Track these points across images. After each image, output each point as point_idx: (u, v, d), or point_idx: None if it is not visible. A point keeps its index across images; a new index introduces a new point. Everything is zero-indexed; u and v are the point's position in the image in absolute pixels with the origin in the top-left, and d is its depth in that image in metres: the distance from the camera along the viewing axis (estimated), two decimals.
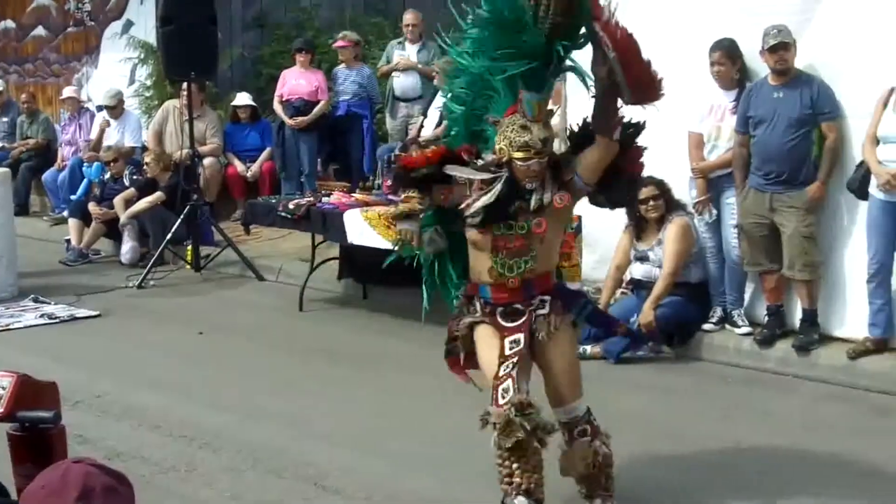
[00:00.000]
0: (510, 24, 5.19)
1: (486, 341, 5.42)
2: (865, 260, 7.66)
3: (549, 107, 5.47)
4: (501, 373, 5.19)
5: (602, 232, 8.84)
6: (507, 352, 5.29)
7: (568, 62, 5.43)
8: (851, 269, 7.91)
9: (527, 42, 5.19)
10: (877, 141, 7.51)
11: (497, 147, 5.35)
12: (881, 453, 6.40)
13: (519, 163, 5.27)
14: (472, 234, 5.41)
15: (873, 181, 7.52)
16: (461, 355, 5.62)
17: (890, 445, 6.57)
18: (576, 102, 9.23)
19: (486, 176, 5.35)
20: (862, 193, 7.67)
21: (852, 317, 7.92)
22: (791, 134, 7.86)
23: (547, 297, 5.45)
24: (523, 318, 5.39)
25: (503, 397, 5.12)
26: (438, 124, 11.60)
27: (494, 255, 5.37)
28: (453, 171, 5.40)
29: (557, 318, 5.42)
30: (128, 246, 12.43)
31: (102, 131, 14.12)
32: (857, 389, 7.54)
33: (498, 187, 5.29)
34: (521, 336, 5.34)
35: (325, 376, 8.16)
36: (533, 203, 5.29)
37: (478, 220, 5.34)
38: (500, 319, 5.42)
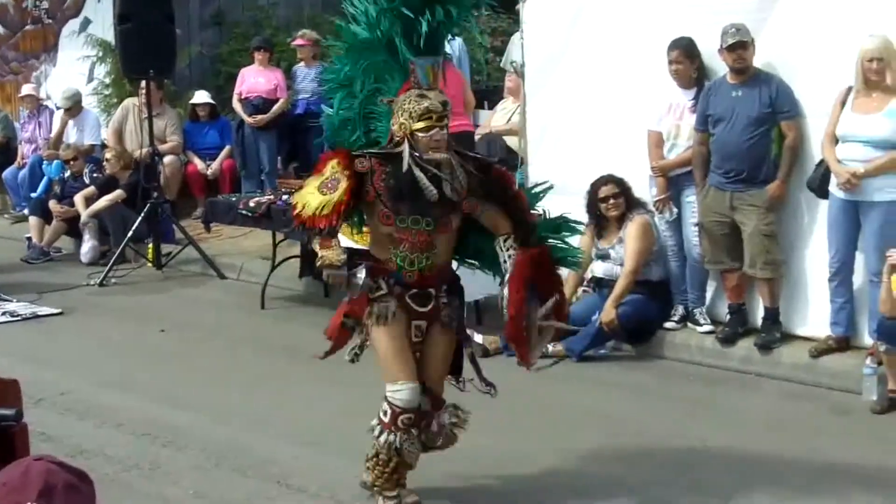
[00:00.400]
0: None
1: (388, 343, 5.40)
2: (826, 258, 7.70)
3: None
4: (399, 378, 5.34)
5: None
6: (414, 339, 5.42)
7: (457, 22, 5.51)
8: (813, 267, 7.95)
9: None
10: (835, 140, 7.56)
11: (396, 124, 5.24)
12: (842, 451, 6.45)
13: (421, 134, 5.15)
14: (378, 224, 5.40)
15: (833, 180, 7.56)
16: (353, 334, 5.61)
17: (850, 444, 6.61)
18: (537, 101, 9.31)
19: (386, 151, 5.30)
20: (822, 192, 7.71)
21: (814, 315, 7.96)
22: (750, 132, 7.89)
23: (445, 287, 5.51)
24: (431, 305, 5.43)
25: (397, 406, 5.35)
26: None
27: (395, 248, 5.34)
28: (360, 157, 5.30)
29: (453, 312, 5.52)
30: (88, 245, 12.36)
31: (62, 129, 14.02)
32: (819, 388, 7.57)
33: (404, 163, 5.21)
34: (424, 324, 5.44)
35: (287, 374, 8.14)
36: (447, 190, 5.25)
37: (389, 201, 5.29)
38: (409, 301, 5.40)
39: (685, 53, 8.24)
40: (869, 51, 7.29)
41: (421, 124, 5.13)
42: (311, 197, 5.25)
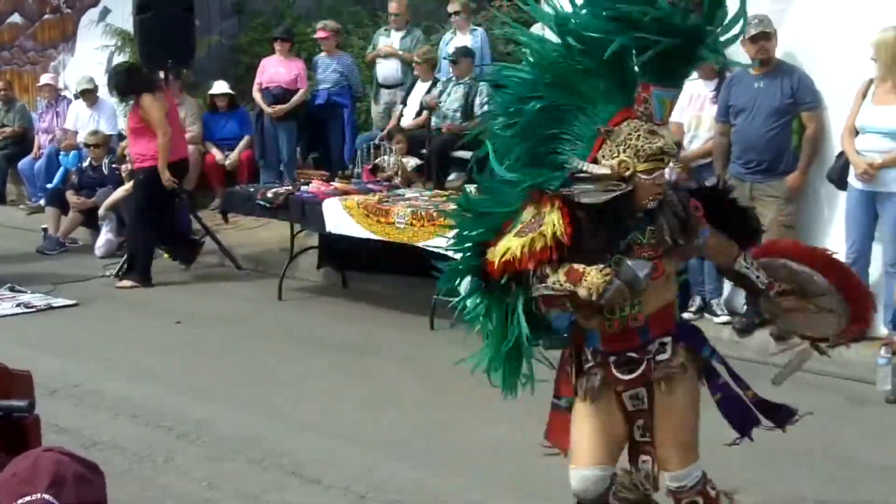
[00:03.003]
0: None
1: (582, 420, 4.54)
2: (844, 249, 7.67)
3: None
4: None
5: None
6: (630, 408, 4.51)
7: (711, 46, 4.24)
8: None
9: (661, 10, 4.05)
10: (855, 131, 7.54)
11: (615, 161, 4.15)
12: (858, 440, 6.48)
13: (644, 177, 4.15)
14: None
15: (852, 171, 7.54)
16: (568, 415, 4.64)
17: (865, 433, 6.64)
18: None
19: (609, 196, 4.18)
20: (841, 183, 7.69)
21: None
22: (771, 123, 7.89)
23: (668, 339, 4.50)
24: (641, 369, 4.47)
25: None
26: (419, 114, 11.62)
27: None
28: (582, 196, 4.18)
29: (680, 362, 4.50)
30: (103, 239, 12.37)
31: (74, 118, 14.03)
32: (835, 378, 7.55)
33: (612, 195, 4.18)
34: (641, 391, 4.49)
35: (304, 366, 8.13)
36: (647, 236, 4.27)
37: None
38: (614, 371, 4.47)
39: None
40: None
41: (647, 165, 4.15)
42: (511, 242, 4.21)
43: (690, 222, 4.42)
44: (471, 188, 4.85)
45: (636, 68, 4.24)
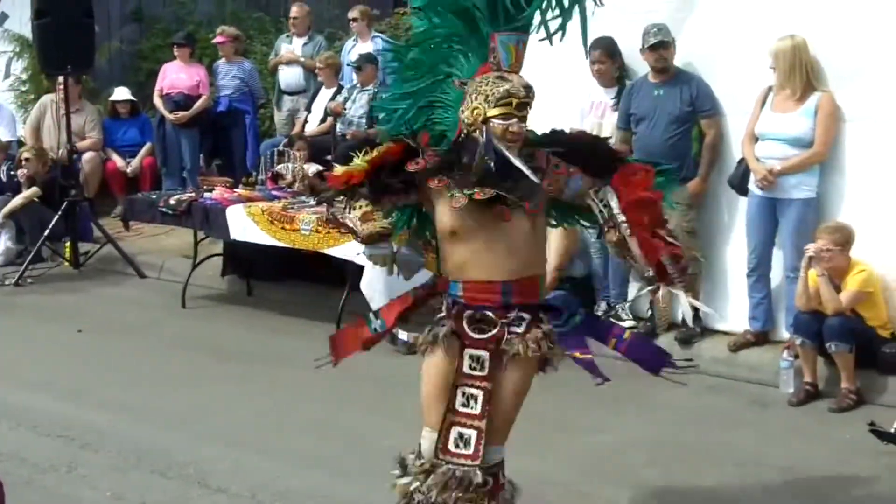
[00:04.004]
0: None
1: (434, 375, 4.66)
2: (746, 255, 7.81)
3: None
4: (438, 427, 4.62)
5: None
6: (466, 370, 4.59)
7: None
8: (732, 263, 8.06)
9: None
10: (755, 138, 7.66)
11: (469, 109, 4.45)
12: (760, 443, 6.58)
13: (498, 121, 4.39)
14: (452, 219, 4.52)
15: (752, 177, 7.66)
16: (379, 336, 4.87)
17: (768, 435, 6.74)
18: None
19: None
20: (742, 189, 7.82)
21: (733, 310, 8.06)
22: (672, 131, 8.00)
23: (526, 316, 4.62)
24: (492, 332, 4.60)
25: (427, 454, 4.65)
26: (324, 120, 11.59)
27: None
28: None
29: (529, 343, 4.61)
30: (2, 247, 12.10)
31: None
32: (738, 381, 7.69)
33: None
34: (484, 355, 4.60)
35: (208, 374, 8.06)
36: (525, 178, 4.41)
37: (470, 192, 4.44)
38: (465, 326, 4.60)
39: (606, 53, 8.29)
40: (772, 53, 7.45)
41: (498, 110, 4.38)
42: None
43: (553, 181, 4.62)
44: None
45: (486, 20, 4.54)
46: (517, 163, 4.39)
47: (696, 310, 5.06)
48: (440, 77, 4.75)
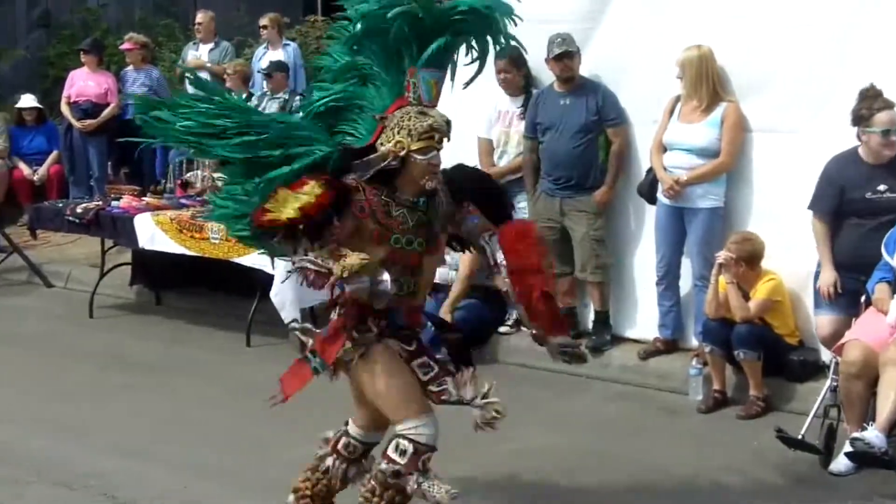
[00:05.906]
0: None
1: (390, 363, 4.76)
2: (654, 263, 7.85)
3: None
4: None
5: None
6: (422, 377, 4.83)
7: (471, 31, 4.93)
8: (641, 271, 8.11)
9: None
10: (664, 148, 7.72)
11: (391, 142, 4.61)
12: (667, 450, 6.60)
13: (419, 156, 4.61)
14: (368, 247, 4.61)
15: (660, 186, 7.72)
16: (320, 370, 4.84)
17: (676, 442, 6.77)
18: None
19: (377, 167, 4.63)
20: (651, 198, 7.86)
21: (643, 318, 8.13)
22: (578, 140, 8.03)
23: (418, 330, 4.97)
24: (416, 344, 4.90)
25: (422, 445, 4.75)
26: None
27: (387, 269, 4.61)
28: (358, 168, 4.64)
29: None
30: None
31: None
32: (648, 389, 7.73)
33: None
34: (429, 360, 4.89)
35: (115, 384, 7.95)
36: (435, 211, 4.78)
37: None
38: (398, 340, 4.83)
39: (512, 62, 8.27)
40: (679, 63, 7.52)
41: (421, 144, 4.60)
42: (288, 203, 4.53)
43: (457, 214, 4.90)
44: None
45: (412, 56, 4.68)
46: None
47: (572, 346, 5.27)
48: (352, 104, 4.88)
